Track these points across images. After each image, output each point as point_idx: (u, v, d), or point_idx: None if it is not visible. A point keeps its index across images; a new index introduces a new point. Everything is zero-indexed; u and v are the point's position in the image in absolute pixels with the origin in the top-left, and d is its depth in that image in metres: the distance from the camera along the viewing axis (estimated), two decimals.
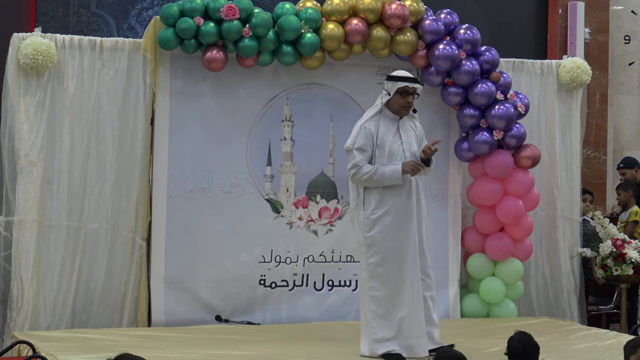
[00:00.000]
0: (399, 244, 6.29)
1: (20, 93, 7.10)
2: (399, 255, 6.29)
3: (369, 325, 6.30)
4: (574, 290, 8.53)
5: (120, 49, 7.39)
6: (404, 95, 6.33)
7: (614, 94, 11.47)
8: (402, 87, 6.32)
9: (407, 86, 6.32)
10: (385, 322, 6.28)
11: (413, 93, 6.35)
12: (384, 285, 6.29)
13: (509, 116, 7.83)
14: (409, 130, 6.45)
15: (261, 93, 7.73)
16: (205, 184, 7.57)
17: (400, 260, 6.29)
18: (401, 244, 6.30)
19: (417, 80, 6.40)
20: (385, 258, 6.29)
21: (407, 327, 6.28)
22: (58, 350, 6.16)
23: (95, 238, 7.30)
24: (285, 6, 7.51)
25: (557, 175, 8.50)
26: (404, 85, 6.31)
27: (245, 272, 7.64)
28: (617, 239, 8.52)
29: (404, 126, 6.43)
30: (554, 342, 6.81)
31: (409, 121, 6.48)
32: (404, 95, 6.33)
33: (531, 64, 8.52)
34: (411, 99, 6.35)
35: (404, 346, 6.26)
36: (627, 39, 11.54)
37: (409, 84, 6.32)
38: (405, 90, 6.32)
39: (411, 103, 6.36)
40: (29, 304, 7.05)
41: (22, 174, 7.09)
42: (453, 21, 7.93)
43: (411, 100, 6.35)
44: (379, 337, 6.27)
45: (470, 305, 8.11)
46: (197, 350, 6.47)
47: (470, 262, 8.15)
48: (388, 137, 6.34)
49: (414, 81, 6.36)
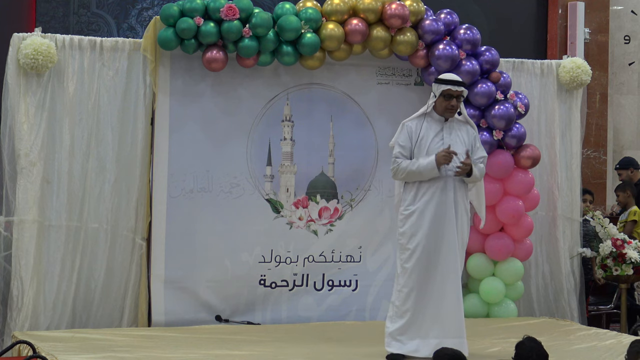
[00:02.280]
0: (432, 242, 6.24)
1: (20, 93, 7.10)
2: (430, 253, 6.24)
3: (389, 319, 6.30)
4: (574, 290, 8.52)
5: (120, 49, 7.39)
6: (447, 98, 6.32)
7: (614, 94, 11.47)
8: (445, 90, 6.31)
9: (449, 89, 6.30)
10: (403, 319, 6.23)
11: (458, 96, 6.34)
12: (411, 281, 6.24)
13: (509, 116, 7.83)
14: (458, 133, 6.40)
15: (261, 93, 7.72)
16: (205, 184, 7.57)
17: (430, 258, 6.24)
18: (434, 241, 6.25)
19: (463, 84, 6.39)
20: (414, 255, 6.24)
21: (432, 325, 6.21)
22: (58, 350, 6.16)
23: (95, 238, 7.30)
24: (285, 6, 7.51)
25: (557, 175, 8.50)
26: (447, 88, 6.31)
27: (245, 272, 7.64)
28: (617, 239, 8.52)
29: (451, 129, 6.39)
30: (554, 342, 6.80)
31: (460, 125, 6.45)
32: (447, 98, 6.32)
33: (531, 64, 8.52)
34: (455, 102, 6.33)
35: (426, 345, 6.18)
36: (627, 39, 11.54)
37: (452, 87, 6.31)
38: (448, 93, 6.31)
39: (455, 106, 6.34)
40: (29, 304, 7.05)
41: (22, 174, 7.09)
42: (453, 21, 7.93)
43: (455, 104, 6.32)
44: (394, 332, 6.25)
45: (470, 305, 8.10)
46: (197, 350, 6.47)
47: (470, 262, 8.14)
48: (429, 137, 6.33)
49: (460, 84, 6.35)
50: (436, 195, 6.28)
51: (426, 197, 6.28)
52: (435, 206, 6.26)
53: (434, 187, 6.27)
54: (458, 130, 6.42)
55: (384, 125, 7.82)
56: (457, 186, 6.33)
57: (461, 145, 6.36)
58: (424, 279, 6.25)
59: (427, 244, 6.24)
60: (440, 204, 6.27)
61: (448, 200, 6.28)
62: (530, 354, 4.85)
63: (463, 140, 6.40)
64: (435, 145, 6.30)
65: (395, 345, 6.24)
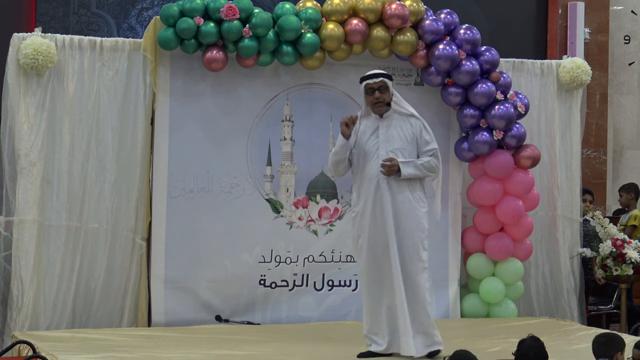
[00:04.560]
0: (374, 242, 6.25)
1: (20, 93, 7.11)
2: (376, 254, 6.26)
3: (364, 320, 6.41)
4: (574, 290, 8.52)
5: (120, 49, 7.39)
6: (370, 92, 6.30)
7: (614, 94, 11.47)
8: (365, 86, 6.31)
9: (368, 83, 6.29)
10: (371, 318, 6.32)
11: (379, 88, 6.28)
12: (368, 281, 6.32)
13: (509, 116, 7.83)
14: (398, 129, 6.33)
15: (261, 93, 7.73)
16: (205, 184, 7.57)
17: (377, 258, 6.26)
18: (376, 241, 6.24)
19: (382, 74, 6.31)
20: (362, 256, 6.32)
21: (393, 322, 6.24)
22: (58, 350, 6.16)
23: (95, 238, 7.30)
24: (285, 6, 7.51)
25: (557, 175, 8.50)
26: (365, 83, 6.31)
27: (245, 272, 7.64)
28: (617, 239, 8.52)
29: (388, 125, 6.32)
30: (554, 342, 6.80)
31: (402, 120, 6.36)
32: (370, 92, 6.30)
33: (531, 64, 8.52)
34: (378, 94, 6.27)
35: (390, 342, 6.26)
36: (627, 39, 11.54)
37: (368, 81, 6.29)
38: (369, 87, 6.29)
39: (380, 98, 6.27)
40: (29, 304, 7.05)
41: (22, 174, 7.09)
42: (453, 21, 7.93)
43: (379, 96, 6.27)
44: (366, 332, 6.34)
45: (470, 305, 8.11)
46: (197, 350, 6.47)
47: (470, 262, 8.15)
48: (366, 136, 6.32)
49: (376, 76, 6.30)
50: (371, 194, 6.27)
51: (363, 198, 6.30)
52: (372, 205, 6.26)
53: (368, 187, 6.27)
54: (398, 126, 6.32)
55: None
56: (392, 182, 6.24)
57: (399, 140, 6.29)
58: (375, 279, 6.27)
59: (370, 245, 6.26)
60: (375, 202, 6.25)
61: (384, 197, 6.23)
62: (529, 352, 4.87)
63: (403, 136, 6.31)
64: (371, 143, 6.29)
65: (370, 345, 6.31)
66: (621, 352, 5.03)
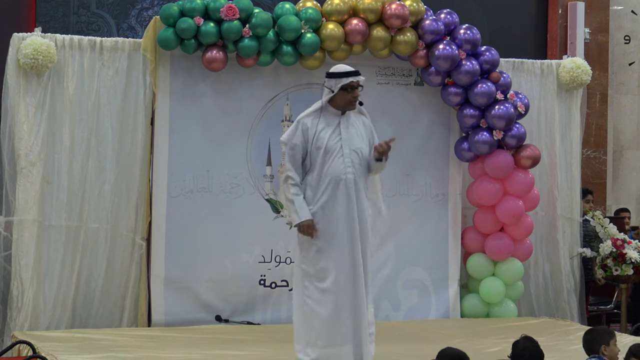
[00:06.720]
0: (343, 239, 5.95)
1: (20, 93, 7.11)
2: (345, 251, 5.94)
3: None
4: (574, 290, 8.52)
5: (120, 49, 7.39)
6: (350, 90, 6.01)
7: (614, 94, 11.46)
8: (346, 84, 5.99)
9: (352, 81, 6.00)
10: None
11: (358, 86, 6.05)
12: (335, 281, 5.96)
13: (509, 116, 7.83)
14: (355, 126, 6.12)
15: (261, 93, 7.73)
16: (205, 184, 7.57)
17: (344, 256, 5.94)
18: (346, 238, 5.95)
19: (359, 72, 6.07)
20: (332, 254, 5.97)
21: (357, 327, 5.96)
22: (58, 350, 6.17)
23: (95, 238, 7.30)
24: (285, 6, 7.51)
25: (557, 175, 8.50)
26: (349, 80, 6.00)
27: (245, 272, 7.64)
28: (617, 239, 8.52)
29: (347, 122, 6.09)
30: (554, 342, 6.81)
31: (355, 117, 6.16)
32: (350, 90, 6.01)
33: (531, 64, 8.52)
34: (357, 93, 6.04)
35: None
36: (627, 39, 11.54)
37: (353, 79, 6.01)
38: (351, 85, 6.00)
39: (357, 97, 6.06)
40: (29, 304, 7.05)
41: (22, 174, 7.10)
42: (453, 21, 7.93)
43: (358, 94, 6.04)
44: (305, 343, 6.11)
45: (470, 305, 8.11)
46: (197, 350, 6.48)
47: (470, 262, 8.15)
48: (327, 133, 6.02)
49: (357, 74, 6.05)
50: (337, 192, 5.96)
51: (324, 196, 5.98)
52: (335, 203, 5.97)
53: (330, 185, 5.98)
54: (354, 124, 6.13)
55: (384, 125, 7.79)
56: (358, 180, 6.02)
57: (358, 138, 6.08)
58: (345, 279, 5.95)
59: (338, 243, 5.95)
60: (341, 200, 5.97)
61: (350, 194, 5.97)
62: (524, 352, 4.87)
63: (360, 133, 6.11)
64: (332, 141, 6.00)
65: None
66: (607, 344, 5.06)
